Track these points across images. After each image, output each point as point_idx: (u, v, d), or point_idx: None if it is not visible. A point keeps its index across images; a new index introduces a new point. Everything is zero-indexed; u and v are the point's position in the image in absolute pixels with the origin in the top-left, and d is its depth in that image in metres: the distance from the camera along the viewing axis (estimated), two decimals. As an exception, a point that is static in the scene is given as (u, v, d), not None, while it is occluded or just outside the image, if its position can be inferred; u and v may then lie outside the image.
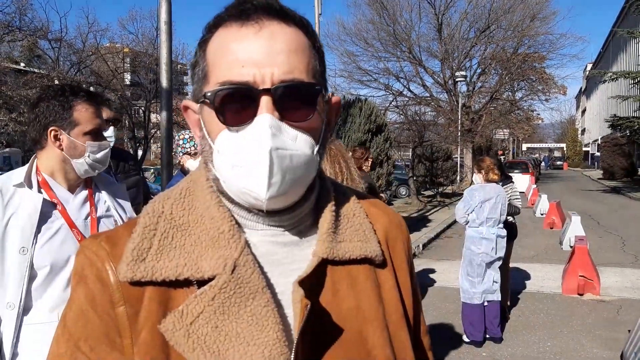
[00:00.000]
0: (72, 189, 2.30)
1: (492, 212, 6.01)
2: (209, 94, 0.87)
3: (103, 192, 2.39)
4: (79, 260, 0.93)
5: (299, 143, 0.86)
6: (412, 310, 1.07)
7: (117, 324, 0.88)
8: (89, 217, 2.29)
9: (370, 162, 6.34)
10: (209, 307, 0.85)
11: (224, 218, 0.90)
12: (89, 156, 2.24)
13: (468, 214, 6.12)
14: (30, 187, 2.20)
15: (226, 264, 0.86)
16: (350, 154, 6.44)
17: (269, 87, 0.84)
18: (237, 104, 0.86)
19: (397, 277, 1.04)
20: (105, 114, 3.22)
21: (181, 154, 4.44)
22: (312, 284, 0.91)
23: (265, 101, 0.85)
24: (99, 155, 2.27)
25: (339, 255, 0.95)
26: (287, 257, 0.95)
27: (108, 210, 2.38)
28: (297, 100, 0.87)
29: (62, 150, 2.22)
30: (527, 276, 9.26)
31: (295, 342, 0.87)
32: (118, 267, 0.88)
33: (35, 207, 2.14)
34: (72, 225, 2.22)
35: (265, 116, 0.84)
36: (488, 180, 6.11)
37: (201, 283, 0.87)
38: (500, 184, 6.59)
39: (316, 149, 0.90)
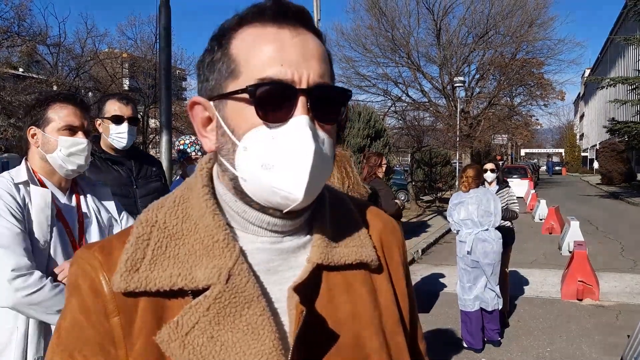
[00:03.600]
0: (62, 192, 2.39)
1: (466, 214, 5.96)
2: (250, 87, 0.84)
3: (88, 195, 2.47)
4: (73, 271, 0.92)
5: (326, 145, 0.88)
6: (408, 315, 1.07)
7: (112, 334, 0.87)
8: (77, 223, 2.37)
9: (384, 168, 6.37)
10: (204, 317, 0.84)
11: (218, 226, 0.90)
12: (61, 150, 2.31)
13: (450, 218, 6.15)
14: (35, 184, 2.28)
15: (220, 274, 0.86)
16: (365, 161, 6.51)
17: (305, 87, 0.85)
18: (275, 102, 0.85)
19: (392, 282, 1.04)
20: (120, 111, 3.28)
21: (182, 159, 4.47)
22: (307, 290, 0.90)
23: (302, 101, 0.85)
24: (72, 149, 2.32)
25: (334, 260, 0.94)
26: (282, 265, 0.94)
27: (92, 214, 2.45)
28: (328, 103, 0.89)
29: (38, 147, 2.34)
30: (526, 281, 9.25)
31: (291, 349, 0.86)
32: (112, 277, 0.87)
33: (46, 201, 2.23)
34: (67, 226, 2.30)
35: (304, 117, 0.84)
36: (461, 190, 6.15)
37: (196, 293, 0.86)
38: (497, 189, 6.61)
39: (333, 152, 0.93)
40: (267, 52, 0.85)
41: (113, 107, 3.29)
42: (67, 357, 0.89)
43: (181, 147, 4.46)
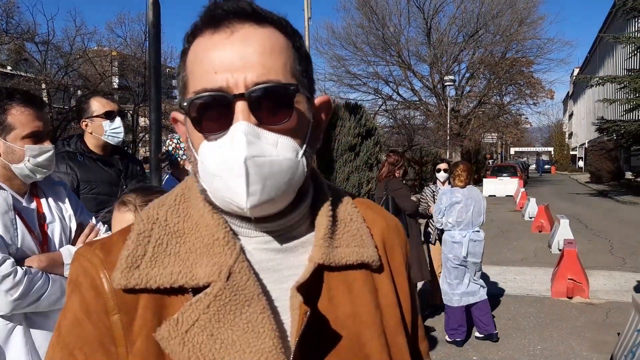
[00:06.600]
0: (20, 196, 2.23)
1: (461, 215, 6.01)
2: (184, 104, 0.85)
3: (49, 197, 2.33)
4: (74, 269, 0.92)
5: (280, 148, 0.84)
6: (409, 315, 1.06)
7: (112, 332, 0.87)
8: (37, 225, 2.23)
9: (402, 170, 6.38)
10: (204, 315, 0.83)
11: (218, 225, 0.89)
12: (29, 160, 2.15)
13: (442, 217, 6.16)
14: None
15: (221, 271, 0.85)
16: (385, 158, 6.48)
17: (242, 91, 0.82)
18: (212, 112, 0.84)
19: (394, 282, 1.02)
20: (109, 106, 3.25)
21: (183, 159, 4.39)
22: (308, 289, 0.89)
23: (240, 107, 0.82)
24: (40, 159, 2.17)
25: (335, 260, 0.93)
26: (281, 264, 0.93)
27: (55, 215, 2.32)
28: (273, 103, 0.84)
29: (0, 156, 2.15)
30: (516, 279, 9.29)
31: (292, 349, 0.85)
32: (112, 274, 0.86)
33: (8, 204, 2.09)
34: (30, 230, 2.15)
35: (241, 123, 0.82)
36: (455, 185, 6.18)
37: (196, 290, 0.86)
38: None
39: (301, 152, 0.88)
40: (204, 62, 0.84)
41: (100, 104, 3.21)
42: (68, 354, 0.89)
43: (169, 148, 4.31)
